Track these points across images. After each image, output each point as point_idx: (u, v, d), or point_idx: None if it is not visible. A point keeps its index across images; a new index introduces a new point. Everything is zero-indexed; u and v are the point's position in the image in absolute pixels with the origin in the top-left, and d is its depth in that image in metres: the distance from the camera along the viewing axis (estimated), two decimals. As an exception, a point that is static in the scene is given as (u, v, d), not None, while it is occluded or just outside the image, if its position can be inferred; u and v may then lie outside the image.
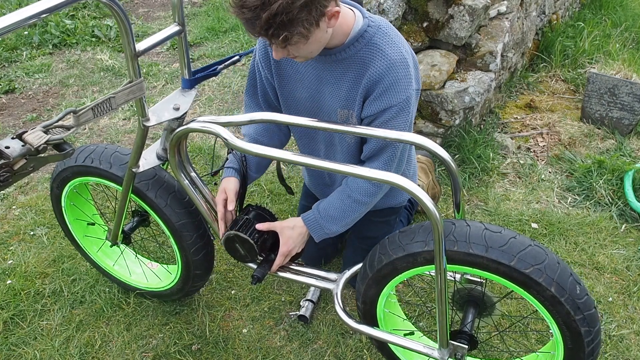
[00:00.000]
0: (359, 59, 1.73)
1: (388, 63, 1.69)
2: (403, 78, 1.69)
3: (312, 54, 1.66)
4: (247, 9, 1.44)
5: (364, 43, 1.71)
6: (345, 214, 1.91)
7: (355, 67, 1.75)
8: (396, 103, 1.71)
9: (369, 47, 1.71)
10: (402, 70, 1.69)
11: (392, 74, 1.69)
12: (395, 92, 1.70)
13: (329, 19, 1.55)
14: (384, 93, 1.70)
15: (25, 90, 4.50)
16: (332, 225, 1.92)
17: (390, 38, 1.72)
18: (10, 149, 1.24)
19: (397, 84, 1.69)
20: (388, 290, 1.71)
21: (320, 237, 1.94)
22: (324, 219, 1.92)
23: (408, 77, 1.71)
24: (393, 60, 1.69)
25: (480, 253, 1.47)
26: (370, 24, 1.72)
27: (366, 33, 1.71)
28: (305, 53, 1.64)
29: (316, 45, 1.62)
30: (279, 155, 1.48)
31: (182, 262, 2.15)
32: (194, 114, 3.93)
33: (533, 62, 4.44)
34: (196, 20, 5.78)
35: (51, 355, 2.24)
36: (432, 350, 1.70)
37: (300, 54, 1.63)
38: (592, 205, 2.97)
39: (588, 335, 1.51)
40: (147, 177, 1.99)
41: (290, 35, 1.49)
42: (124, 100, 1.51)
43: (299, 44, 1.56)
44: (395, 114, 1.73)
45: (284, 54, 1.61)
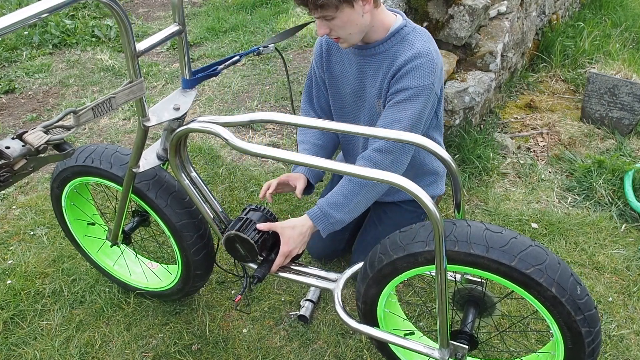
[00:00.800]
0: (392, 53, 1.93)
1: (414, 52, 1.87)
2: (425, 66, 1.85)
3: (351, 37, 1.86)
4: None
5: (399, 39, 1.92)
6: (348, 199, 1.92)
7: (389, 60, 1.93)
8: (412, 86, 1.86)
9: (402, 42, 1.92)
10: (425, 59, 1.85)
11: (416, 61, 1.86)
12: (414, 76, 1.85)
13: (362, 2, 1.77)
14: (404, 75, 1.87)
15: (25, 90, 4.50)
16: (336, 213, 1.92)
17: (422, 37, 1.92)
18: (11, 149, 1.24)
19: (418, 69, 1.85)
20: (388, 290, 1.71)
21: (326, 229, 1.93)
22: (329, 206, 1.92)
23: (431, 68, 1.86)
24: (419, 50, 1.87)
25: (481, 253, 1.47)
26: (408, 25, 1.94)
27: (402, 31, 1.93)
28: (344, 34, 1.84)
29: (353, 27, 1.82)
30: (278, 155, 1.48)
31: (183, 262, 2.15)
32: (194, 114, 3.93)
33: (533, 62, 4.45)
34: (196, 20, 5.78)
35: (51, 355, 2.24)
36: (432, 350, 1.70)
37: (339, 33, 1.84)
38: (592, 205, 2.97)
39: (588, 335, 1.51)
40: (148, 177, 1.99)
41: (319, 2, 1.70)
42: (124, 100, 1.51)
43: (336, 20, 1.78)
44: (408, 97, 1.87)
45: (326, 31, 1.83)
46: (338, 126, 1.59)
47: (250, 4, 5.96)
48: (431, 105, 1.93)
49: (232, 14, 5.79)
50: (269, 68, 4.62)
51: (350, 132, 1.57)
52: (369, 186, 1.92)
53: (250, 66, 4.70)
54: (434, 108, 2.00)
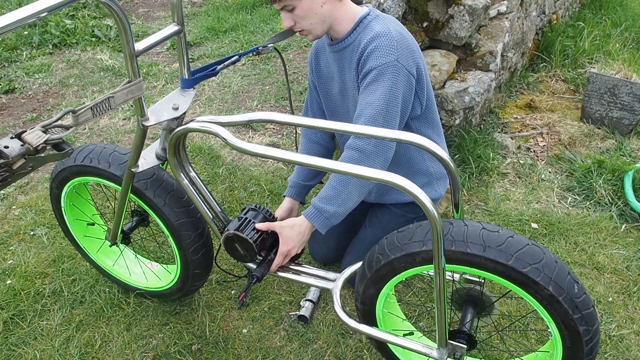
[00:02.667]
0: (357, 42, 1.96)
1: (372, 35, 1.90)
2: (383, 45, 1.87)
3: (314, 28, 1.92)
4: None
5: (363, 27, 1.96)
6: (338, 190, 1.90)
7: (357, 50, 1.95)
8: (374, 66, 1.87)
9: (365, 30, 1.95)
10: (383, 39, 1.87)
11: (374, 42, 1.88)
12: (374, 56, 1.87)
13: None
14: (366, 59, 1.89)
15: (25, 90, 4.51)
16: (329, 207, 1.90)
17: (383, 21, 1.94)
18: (9, 148, 1.24)
19: (377, 49, 1.87)
20: (387, 290, 1.71)
21: (323, 225, 1.91)
22: (321, 201, 1.91)
23: (390, 45, 1.87)
24: (377, 32, 1.89)
25: (478, 252, 1.47)
26: (371, 13, 1.97)
27: (365, 19, 1.96)
28: (307, 25, 1.90)
29: (314, 17, 1.89)
30: (277, 155, 1.48)
31: (181, 262, 2.15)
32: (194, 114, 3.93)
33: (533, 62, 4.45)
34: (196, 20, 5.78)
35: (51, 355, 2.24)
36: (430, 349, 1.70)
37: (303, 25, 1.90)
38: (592, 205, 2.97)
39: (586, 334, 1.51)
40: (146, 176, 2.00)
41: None
42: (123, 100, 1.51)
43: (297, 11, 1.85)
44: (374, 79, 1.88)
45: (290, 23, 1.90)
46: (337, 125, 1.59)
47: (250, 4, 5.96)
48: (403, 83, 1.90)
49: (232, 14, 5.79)
50: (269, 68, 4.62)
51: (350, 132, 1.57)
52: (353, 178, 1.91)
53: (250, 66, 4.70)
54: (411, 88, 1.96)
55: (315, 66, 2.24)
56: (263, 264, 1.92)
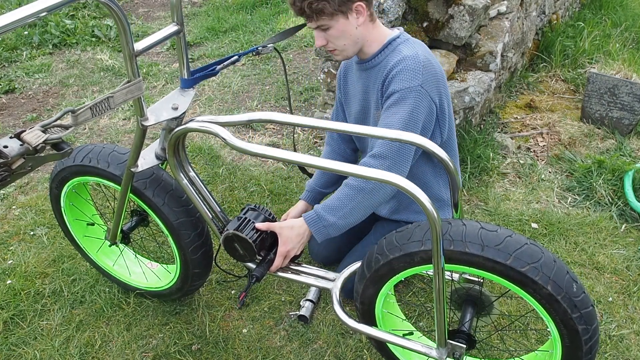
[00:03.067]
0: (384, 64, 1.97)
1: (400, 57, 1.91)
2: (409, 68, 1.87)
3: (346, 49, 1.94)
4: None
5: (392, 49, 1.98)
6: (343, 203, 1.89)
7: (383, 71, 1.97)
8: (398, 89, 1.88)
9: (393, 52, 1.97)
10: (410, 62, 1.88)
11: (400, 65, 1.89)
12: (399, 79, 1.88)
13: (356, 13, 1.86)
14: (391, 80, 1.91)
15: (25, 90, 4.51)
16: (330, 216, 1.89)
17: (412, 45, 1.96)
18: (9, 148, 1.24)
19: (402, 72, 1.88)
20: (386, 290, 1.71)
21: (321, 233, 1.91)
22: (323, 210, 1.91)
23: (415, 69, 1.87)
24: (404, 55, 1.91)
25: (476, 252, 1.47)
26: (401, 36, 1.99)
27: (395, 42, 1.98)
28: (340, 46, 1.93)
29: (347, 38, 1.91)
30: (277, 154, 1.48)
31: (181, 261, 2.15)
32: (194, 114, 3.94)
33: (533, 62, 4.45)
34: (196, 20, 5.79)
35: (51, 355, 2.24)
36: (430, 349, 1.70)
37: (335, 45, 1.93)
38: (592, 205, 2.97)
39: (585, 333, 1.51)
40: (145, 175, 2.00)
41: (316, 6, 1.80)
42: (123, 100, 1.51)
43: (331, 31, 1.87)
44: (396, 101, 1.89)
45: (323, 42, 1.92)
46: (337, 126, 1.59)
47: (250, 4, 5.96)
48: (425, 109, 1.89)
49: (232, 14, 5.79)
50: (269, 68, 4.62)
51: (350, 132, 1.57)
52: (365, 192, 1.88)
53: (250, 66, 4.70)
54: (432, 115, 1.95)
55: (343, 83, 2.27)
56: (263, 263, 1.92)
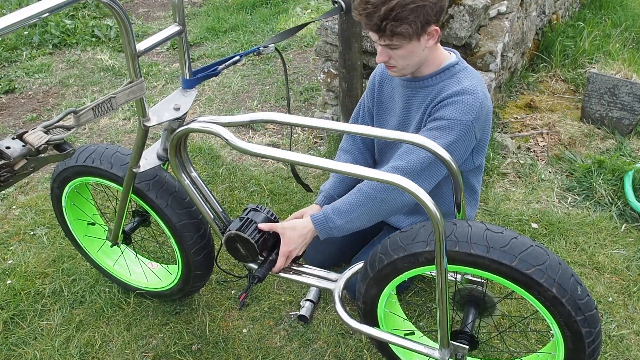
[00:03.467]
0: (440, 87, 1.94)
1: (460, 89, 1.88)
2: (467, 102, 1.86)
3: (407, 67, 1.91)
4: (370, 4, 1.75)
5: (449, 75, 1.94)
6: (352, 207, 1.90)
7: (434, 93, 1.95)
8: (449, 117, 1.86)
9: (451, 79, 1.94)
10: (470, 97, 1.86)
11: (460, 96, 1.87)
12: (453, 108, 1.86)
13: (428, 36, 1.83)
14: (444, 106, 1.89)
15: (25, 90, 4.50)
16: (337, 219, 1.90)
17: (472, 77, 1.93)
18: (11, 149, 1.24)
19: (459, 103, 1.86)
20: (389, 290, 1.71)
21: (324, 232, 1.91)
22: (331, 211, 1.91)
23: (473, 106, 1.86)
24: (465, 87, 1.88)
25: (482, 253, 1.47)
26: (460, 63, 1.96)
27: (453, 68, 1.95)
28: (402, 64, 1.89)
29: (413, 59, 1.87)
30: (278, 155, 1.48)
31: (183, 263, 2.15)
32: (194, 114, 3.93)
33: (533, 62, 4.45)
34: (196, 20, 5.78)
35: (51, 355, 2.24)
36: (432, 350, 1.70)
37: (398, 63, 1.88)
38: (592, 205, 2.97)
39: (589, 336, 1.51)
40: (148, 177, 1.99)
41: (398, 29, 1.75)
42: (125, 100, 1.51)
43: (400, 50, 1.83)
44: (442, 127, 1.86)
45: (385, 58, 1.88)
46: (338, 126, 1.59)
47: (250, 4, 5.96)
48: (465, 143, 1.90)
49: (232, 14, 5.79)
50: (269, 68, 4.62)
51: (351, 132, 1.57)
52: (376, 201, 1.89)
53: (250, 66, 4.70)
54: (469, 149, 1.96)
55: (378, 92, 2.20)
56: (264, 264, 1.92)
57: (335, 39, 3.30)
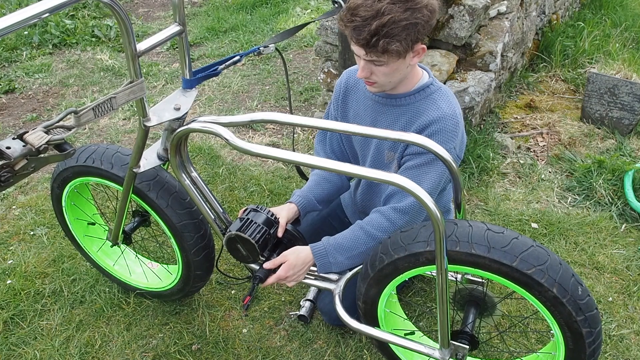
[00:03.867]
0: (414, 108, 1.89)
1: (440, 114, 1.83)
2: (448, 130, 1.82)
3: (388, 84, 1.83)
4: (360, 17, 1.64)
5: (424, 96, 1.88)
6: (354, 245, 1.88)
7: (409, 114, 1.90)
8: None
9: (427, 100, 1.87)
10: (450, 122, 1.82)
11: (440, 124, 1.82)
12: (437, 140, 1.80)
13: (414, 53, 1.75)
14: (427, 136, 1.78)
15: (25, 90, 4.50)
16: (338, 255, 1.88)
17: (447, 98, 1.88)
18: (12, 149, 1.24)
19: (441, 132, 1.81)
20: (389, 290, 1.71)
21: (324, 267, 1.90)
22: (332, 246, 1.89)
23: (454, 131, 1.82)
24: (445, 113, 1.83)
25: (483, 253, 1.47)
26: (434, 83, 1.91)
27: (428, 89, 1.88)
28: (384, 81, 1.81)
29: (395, 76, 1.79)
30: (279, 155, 1.47)
31: (183, 263, 2.15)
32: (194, 114, 3.93)
33: (533, 62, 4.45)
34: (196, 20, 5.78)
35: (51, 355, 2.24)
36: (433, 350, 1.70)
37: (379, 79, 1.80)
38: (592, 205, 2.97)
39: (589, 336, 1.51)
40: (149, 177, 1.99)
41: (390, 47, 1.65)
42: (125, 101, 1.51)
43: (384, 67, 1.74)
44: (429, 161, 1.83)
45: (367, 74, 1.79)
46: (338, 126, 1.58)
47: (250, 4, 5.96)
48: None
49: (232, 14, 5.79)
50: (268, 68, 4.62)
51: (351, 133, 1.57)
52: (377, 240, 1.86)
53: (250, 66, 4.70)
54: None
55: (342, 103, 2.11)
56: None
57: (335, 39, 3.30)
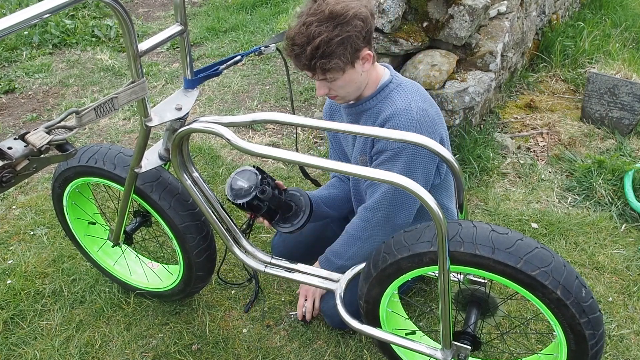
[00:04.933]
0: (377, 109, 1.93)
1: (393, 110, 1.86)
2: (401, 125, 1.84)
3: (349, 95, 1.89)
4: (297, 46, 1.72)
5: (384, 96, 1.92)
6: (345, 248, 2.08)
7: (372, 117, 1.95)
8: (389, 148, 1.86)
9: (386, 99, 1.92)
10: (402, 117, 1.85)
11: (393, 121, 1.85)
12: None
13: (362, 61, 1.80)
14: None
15: (25, 90, 4.50)
16: (337, 260, 2.09)
17: (405, 93, 1.90)
18: (13, 149, 1.24)
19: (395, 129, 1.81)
20: (391, 290, 1.71)
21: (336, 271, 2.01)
22: (332, 255, 2.11)
23: (408, 125, 1.83)
24: (397, 108, 1.86)
25: (487, 254, 1.47)
26: (393, 81, 1.94)
27: (387, 88, 1.92)
28: (343, 93, 1.87)
29: (352, 86, 1.85)
30: (279, 155, 1.48)
31: (185, 264, 2.15)
32: (194, 114, 3.93)
33: (533, 62, 4.45)
34: (196, 20, 5.78)
35: (51, 355, 2.24)
36: (435, 351, 1.70)
37: (338, 92, 1.87)
38: (592, 205, 2.97)
39: (592, 338, 1.51)
40: (151, 178, 1.99)
41: (329, 65, 1.72)
42: (127, 101, 1.51)
43: (337, 81, 1.80)
44: (389, 159, 1.87)
45: (325, 91, 1.86)
46: (339, 126, 1.59)
47: (250, 4, 5.95)
48: (422, 158, 1.88)
49: (232, 14, 5.79)
50: (269, 68, 4.61)
51: (350, 132, 1.57)
52: (362, 239, 2.04)
53: (250, 66, 4.70)
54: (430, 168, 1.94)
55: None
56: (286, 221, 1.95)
57: (335, 39, 3.29)
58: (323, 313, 2.30)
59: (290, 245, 2.48)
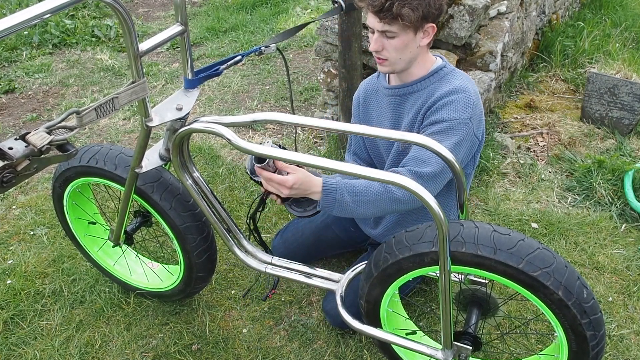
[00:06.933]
0: (430, 90, 1.94)
1: (451, 88, 1.88)
2: (462, 101, 1.85)
3: (398, 62, 1.89)
4: None
5: (438, 78, 1.94)
6: (366, 190, 1.82)
7: (425, 96, 1.94)
8: (448, 118, 1.84)
9: (441, 81, 1.94)
10: (462, 95, 1.85)
11: (453, 96, 1.86)
12: (450, 109, 1.85)
13: (424, 34, 1.84)
14: (440, 108, 1.87)
15: (25, 90, 4.50)
16: (347, 195, 1.81)
17: (461, 77, 1.94)
18: (14, 150, 1.24)
19: (454, 103, 1.85)
20: (392, 290, 1.71)
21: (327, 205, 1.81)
22: (344, 185, 1.82)
23: (467, 103, 1.85)
24: (456, 86, 1.88)
25: (489, 255, 1.47)
26: (447, 66, 1.97)
27: (441, 71, 1.95)
28: (394, 57, 1.87)
29: (405, 53, 1.86)
30: (280, 155, 1.47)
31: (185, 264, 2.14)
32: (194, 114, 3.94)
33: (533, 62, 4.45)
34: (196, 20, 5.78)
35: (51, 355, 2.24)
36: (435, 351, 1.70)
37: (390, 55, 1.86)
38: (592, 205, 2.97)
39: (593, 339, 1.51)
40: (152, 179, 1.99)
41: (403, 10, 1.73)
42: (127, 101, 1.51)
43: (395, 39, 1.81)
44: (443, 130, 1.85)
45: (380, 46, 1.85)
46: (340, 126, 1.58)
47: (250, 4, 5.96)
48: (469, 143, 1.88)
49: (232, 14, 5.79)
50: (268, 68, 4.62)
51: (353, 132, 1.57)
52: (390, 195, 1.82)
53: (250, 66, 4.70)
54: (472, 150, 1.95)
55: (364, 110, 2.19)
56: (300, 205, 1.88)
57: (335, 38, 3.30)
58: (325, 313, 2.30)
59: (291, 247, 2.48)
